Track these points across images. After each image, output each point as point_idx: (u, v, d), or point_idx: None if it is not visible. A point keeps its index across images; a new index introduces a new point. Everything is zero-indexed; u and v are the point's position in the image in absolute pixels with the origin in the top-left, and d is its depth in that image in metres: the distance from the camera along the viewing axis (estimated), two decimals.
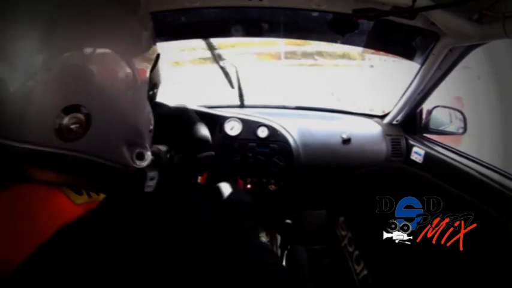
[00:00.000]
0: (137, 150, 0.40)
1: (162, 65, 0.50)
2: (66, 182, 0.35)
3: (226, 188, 0.79)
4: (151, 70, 0.41)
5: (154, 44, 0.43)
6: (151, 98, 0.45)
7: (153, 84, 0.44)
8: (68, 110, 0.31)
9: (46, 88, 0.30)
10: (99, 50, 0.33)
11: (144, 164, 0.41)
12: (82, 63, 0.32)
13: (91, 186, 0.37)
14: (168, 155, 1.07)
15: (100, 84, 0.33)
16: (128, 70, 0.36)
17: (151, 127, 0.44)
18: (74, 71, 0.31)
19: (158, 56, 0.44)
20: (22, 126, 0.29)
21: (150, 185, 0.93)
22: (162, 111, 0.82)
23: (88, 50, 0.32)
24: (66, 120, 0.31)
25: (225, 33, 1.31)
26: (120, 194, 0.39)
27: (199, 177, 1.18)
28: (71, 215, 0.32)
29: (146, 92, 0.41)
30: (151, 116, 0.43)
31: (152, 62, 0.42)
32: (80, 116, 0.31)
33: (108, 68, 0.34)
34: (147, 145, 0.42)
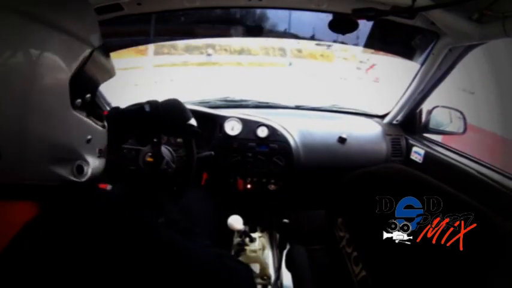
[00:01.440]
0: (77, 163, 0.38)
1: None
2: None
3: None
4: (75, 74, 0.35)
5: (84, 41, 0.37)
6: (86, 105, 0.39)
7: (83, 90, 0.38)
8: None
9: None
10: None
11: (86, 177, 0.39)
12: None
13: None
14: (170, 155, 1.07)
15: (1, 114, 0.30)
16: (32, 86, 0.32)
17: (89, 136, 0.40)
18: None
19: (88, 57, 0.37)
20: None
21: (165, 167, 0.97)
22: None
23: None
24: None
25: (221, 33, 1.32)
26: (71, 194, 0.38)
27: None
28: (18, 219, 0.33)
29: (67, 102, 0.35)
30: (84, 126, 0.39)
31: (76, 65, 0.36)
32: None
33: (6, 93, 0.30)
34: (88, 157, 0.40)
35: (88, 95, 0.39)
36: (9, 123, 0.31)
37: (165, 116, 0.80)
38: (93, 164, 0.41)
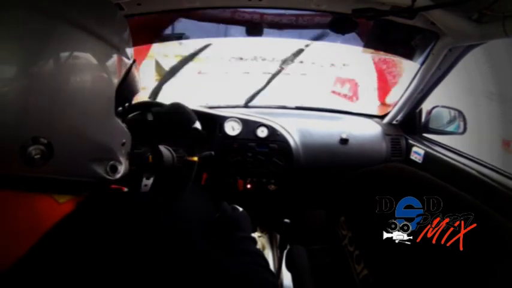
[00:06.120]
0: (110, 163, 0.42)
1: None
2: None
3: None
4: (120, 85, 0.40)
5: (126, 56, 0.42)
6: (123, 113, 0.44)
7: (123, 99, 0.43)
8: (32, 140, 0.33)
9: (5, 125, 0.31)
10: (52, 80, 0.33)
11: (118, 175, 0.43)
12: (36, 95, 0.32)
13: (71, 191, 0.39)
14: (170, 155, 1.06)
15: (58, 115, 0.34)
16: (87, 93, 0.36)
17: (124, 140, 0.45)
18: (29, 105, 0.32)
19: (129, 69, 0.43)
20: None
21: (146, 184, 0.93)
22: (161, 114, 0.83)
23: (41, 80, 0.32)
24: (30, 150, 0.33)
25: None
26: (103, 192, 0.41)
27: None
28: (57, 213, 0.35)
29: (112, 109, 0.40)
30: (121, 130, 0.44)
31: (121, 77, 0.40)
32: (41, 146, 0.34)
33: (64, 97, 0.34)
34: (121, 157, 0.44)
35: (127, 104, 0.45)
36: (64, 123, 0.35)
37: (169, 123, 0.81)
38: (125, 164, 0.45)
